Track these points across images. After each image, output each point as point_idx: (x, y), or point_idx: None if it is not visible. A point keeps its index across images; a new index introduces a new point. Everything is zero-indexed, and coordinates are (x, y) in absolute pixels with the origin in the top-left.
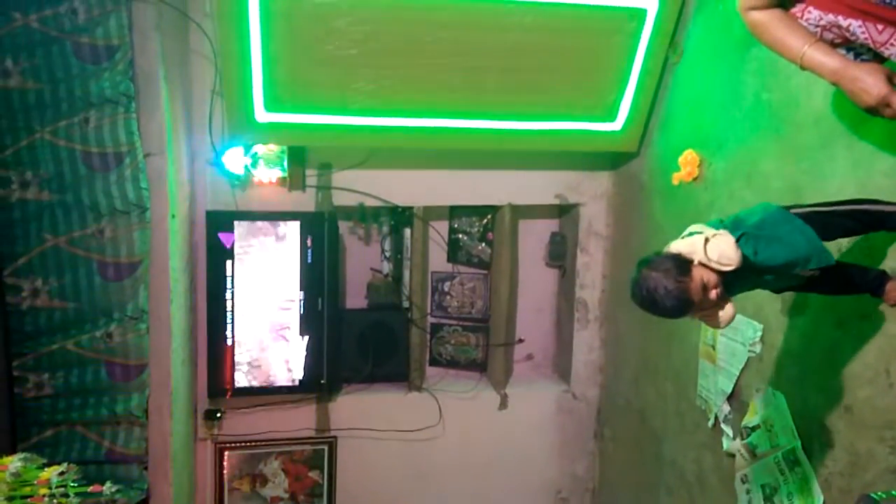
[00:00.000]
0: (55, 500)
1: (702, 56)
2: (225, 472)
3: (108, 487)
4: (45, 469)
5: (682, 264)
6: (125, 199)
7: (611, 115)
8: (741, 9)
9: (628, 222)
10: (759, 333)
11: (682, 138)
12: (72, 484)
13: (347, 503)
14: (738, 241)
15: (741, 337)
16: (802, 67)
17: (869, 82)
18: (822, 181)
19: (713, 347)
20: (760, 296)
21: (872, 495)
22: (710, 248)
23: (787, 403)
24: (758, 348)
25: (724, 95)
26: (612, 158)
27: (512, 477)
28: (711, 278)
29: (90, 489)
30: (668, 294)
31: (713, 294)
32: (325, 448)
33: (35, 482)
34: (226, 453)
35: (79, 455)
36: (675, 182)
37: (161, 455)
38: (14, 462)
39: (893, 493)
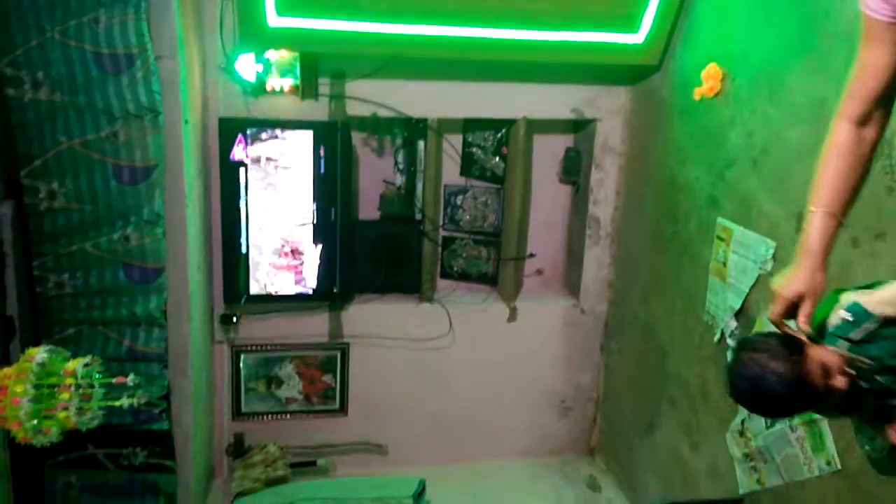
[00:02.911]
0: (80, 390)
1: None
2: (241, 373)
3: (131, 379)
4: (70, 361)
5: (792, 342)
6: (138, 103)
7: (633, 27)
8: (837, 115)
9: (645, 139)
10: (772, 251)
11: (705, 51)
12: (96, 375)
13: (359, 406)
14: None
15: (753, 254)
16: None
17: (791, 288)
18: None
19: (724, 264)
20: (775, 213)
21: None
22: None
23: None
24: (769, 266)
25: (753, 6)
26: (631, 72)
27: (518, 386)
28: (834, 361)
29: (114, 381)
30: (779, 380)
31: (839, 382)
32: (338, 354)
33: (61, 373)
34: (242, 356)
35: (101, 352)
36: (697, 97)
37: (180, 355)
38: (40, 353)
39: None
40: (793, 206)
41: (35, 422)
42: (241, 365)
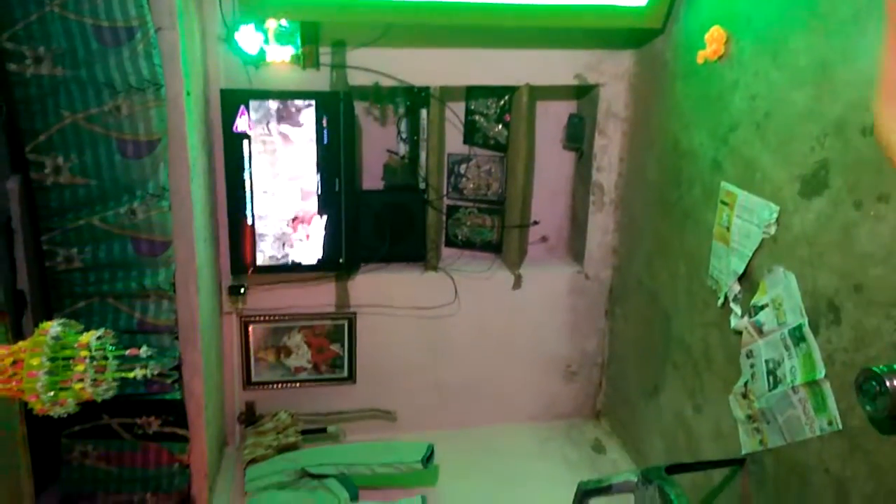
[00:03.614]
0: (95, 362)
1: None
2: (250, 343)
3: (144, 351)
4: (84, 334)
5: None
6: (139, 76)
7: None
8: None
9: (648, 104)
10: (775, 215)
11: (709, 14)
12: (109, 347)
13: (367, 373)
14: None
15: (756, 218)
16: None
17: None
18: (852, 59)
19: (728, 229)
20: (779, 177)
21: (874, 368)
22: None
23: (797, 283)
24: (772, 230)
25: None
26: (634, 36)
27: (523, 352)
28: None
29: (127, 352)
30: None
31: None
32: (345, 323)
33: (75, 345)
34: (251, 326)
35: (112, 325)
36: (700, 60)
37: (190, 326)
38: (54, 326)
39: (895, 366)
40: (796, 170)
41: (52, 394)
42: (250, 335)
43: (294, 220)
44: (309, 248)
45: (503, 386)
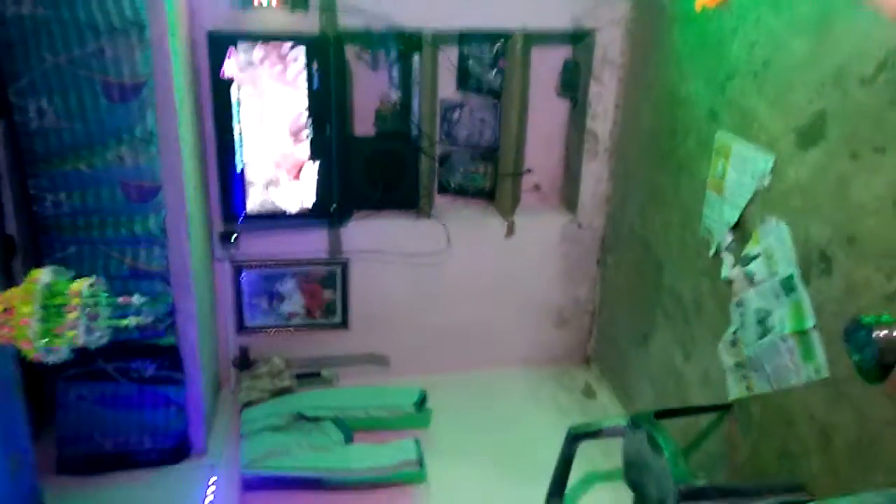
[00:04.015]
0: (87, 310)
1: None
2: (243, 289)
3: (136, 298)
4: (76, 281)
5: None
6: (122, 17)
7: None
8: None
9: (645, 51)
10: (770, 165)
11: None
12: (102, 295)
13: (359, 319)
14: None
15: (751, 169)
16: None
17: None
18: (853, 6)
19: (722, 179)
20: (775, 127)
21: (863, 318)
22: None
23: (790, 233)
24: (766, 180)
25: None
26: None
27: (515, 299)
28: None
29: (119, 300)
30: None
31: None
32: (338, 269)
33: (67, 293)
34: (243, 273)
35: (103, 271)
36: (698, 7)
37: (182, 272)
38: (45, 274)
39: (884, 317)
40: (793, 121)
41: (45, 340)
42: (243, 282)
43: (285, 166)
44: (300, 195)
45: (495, 332)
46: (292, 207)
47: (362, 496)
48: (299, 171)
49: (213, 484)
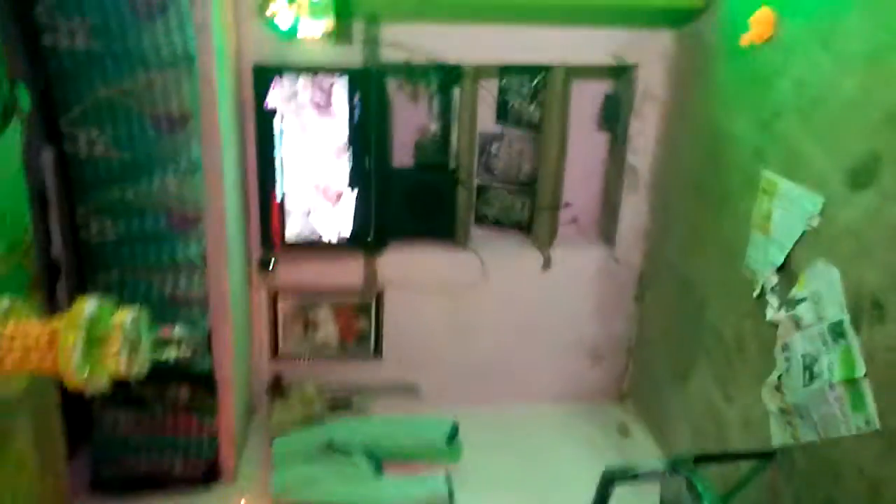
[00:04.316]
0: (129, 342)
1: None
2: (279, 317)
3: (177, 331)
4: (118, 312)
5: None
6: (172, 50)
7: None
8: None
9: (688, 86)
10: (819, 206)
11: None
12: (143, 327)
13: (392, 349)
14: None
15: (798, 209)
16: None
17: None
18: None
19: (767, 219)
20: (824, 167)
21: None
22: None
23: (840, 277)
24: (815, 221)
25: None
26: (675, 15)
27: (550, 333)
28: None
29: (160, 333)
30: None
31: None
32: (373, 299)
33: (110, 325)
34: (279, 300)
35: (143, 297)
36: (745, 43)
37: (220, 299)
38: (89, 305)
39: None
40: (843, 161)
41: (86, 372)
42: (279, 309)
43: (324, 196)
44: (338, 224)
45: (528, 366)
46: (330, 236)
47: None
48: (338, 200)
49: None
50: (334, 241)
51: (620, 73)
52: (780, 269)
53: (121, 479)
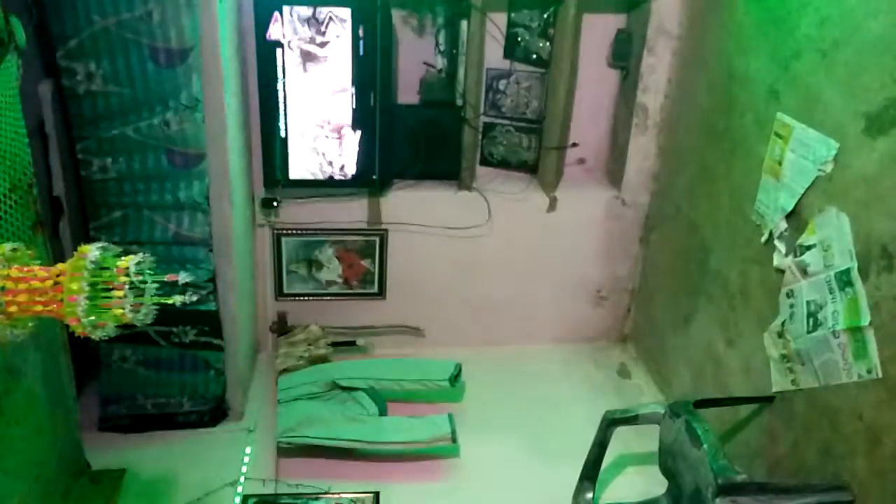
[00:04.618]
0: (134, 287)
1: None
2: (283, 256)
3: (182, 277)
4: (123, 258)
5: None
6: None
7: None
8: None
9: (704, 22)
10: (834, 152)
11: None
12: (148, 272)
13: (396, 289)
14: None
15: (812, 154)
16: None
17: None
18: None
19: (779, 163)
20: (842, 112)
21: None
22: None
23: (850, 225)
24: (829, 168)
25: None
26: None
27: (554, 275)
28: None
29: (166, 278)
30: None
31: None
32: (377, 239)
33: (114, 270)
34: (283, 239)
35: (147, 236)
36: None
37: (224, 239)
38: (93, 251)
39: None
40: (862, 105)
41: (92, 318)
42: (283, 248)
43: (328, 133)
44: (342, 162)
45: (532, 307)
46: (334, 175)
47: (395, 467)
48: (342, 138)
49: (249, 448)
50: (338, 179)
51: (634, 6)
52: (790, 216)
53: (129, 417)
